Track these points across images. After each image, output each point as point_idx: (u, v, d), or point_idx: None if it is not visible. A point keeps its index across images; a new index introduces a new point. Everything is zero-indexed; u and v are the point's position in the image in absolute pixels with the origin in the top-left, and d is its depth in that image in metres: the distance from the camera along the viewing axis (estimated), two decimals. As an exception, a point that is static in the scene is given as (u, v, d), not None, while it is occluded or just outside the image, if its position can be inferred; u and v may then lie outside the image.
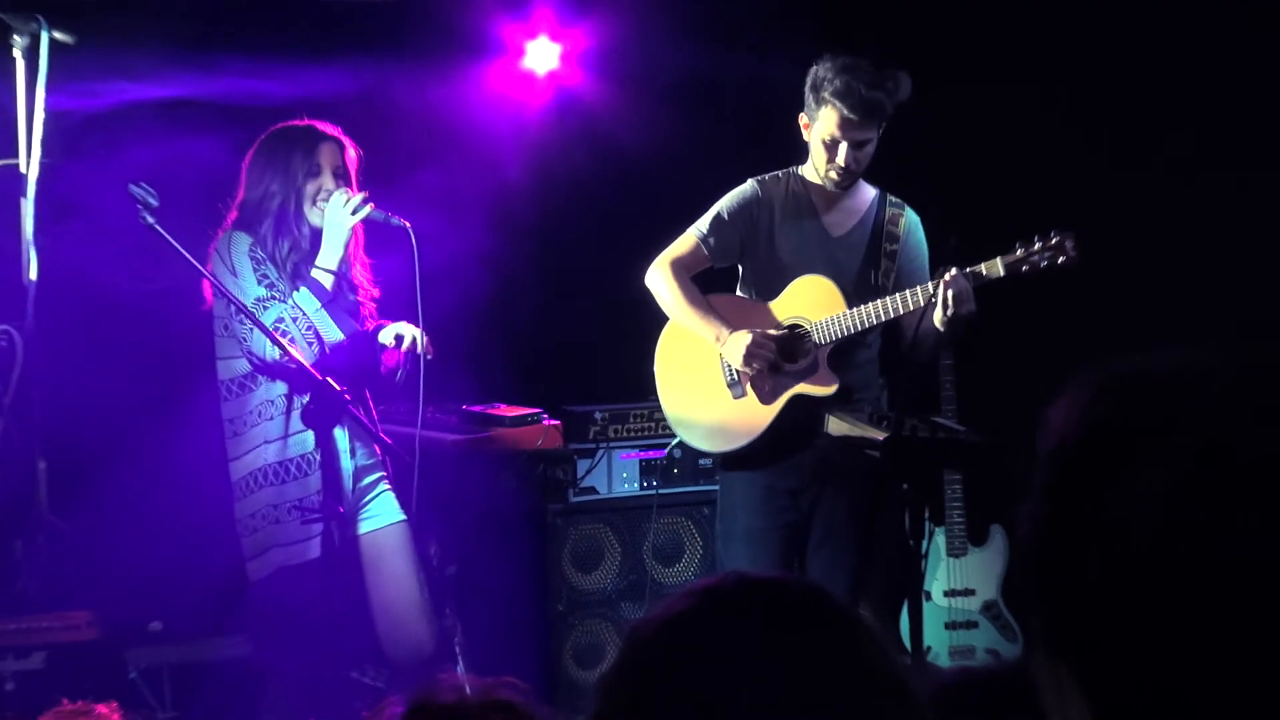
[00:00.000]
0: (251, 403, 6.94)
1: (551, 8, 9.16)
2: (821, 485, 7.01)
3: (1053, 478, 1.59)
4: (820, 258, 6.99)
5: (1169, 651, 1.52)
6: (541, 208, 9.16)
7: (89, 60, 8.01)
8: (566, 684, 8.14)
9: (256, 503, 6.92)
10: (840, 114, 6.79)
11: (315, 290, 6.79)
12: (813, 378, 6.90)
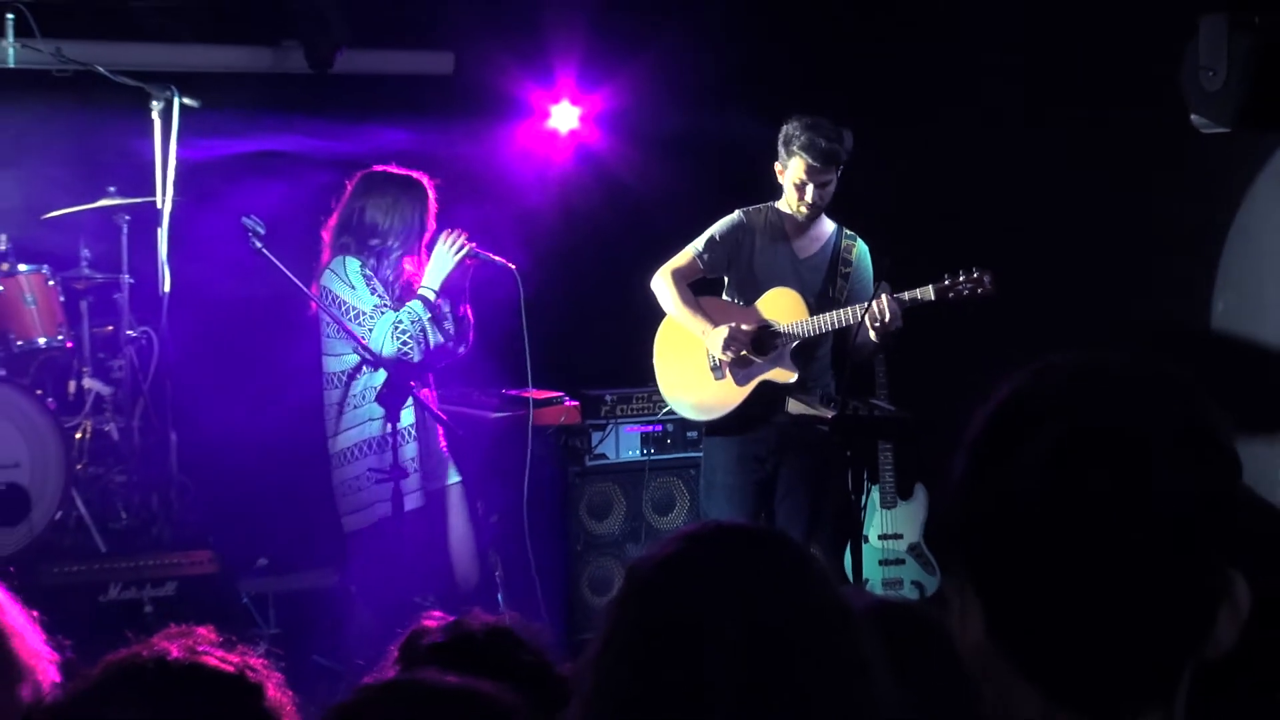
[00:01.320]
0: (350, 392, 6.98)
1: (572, 77, 9.13)
2: (783, 452, 7.08)
3: (975, 443, 1.63)
4: (790, 274, 7.09)
5: (1031, 577, 1.58)
6: (563, 235, 9.17)
7: (210, 119, 8.05)
8: (582, 608, 8.15)
9: (351, 471, 6.96)
10: (807, 162, 6.90)
11: (424, 303, 6.84)
12: (778, 368, 7.00)
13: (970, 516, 1.64)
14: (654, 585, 2.21)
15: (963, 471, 1.64)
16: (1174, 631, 1.59)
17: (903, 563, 8.07)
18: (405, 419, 6.89)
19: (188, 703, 2.51)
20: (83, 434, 7.84)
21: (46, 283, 7.84)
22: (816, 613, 2.19)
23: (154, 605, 7.23)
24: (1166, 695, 1.61)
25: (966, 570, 1.64)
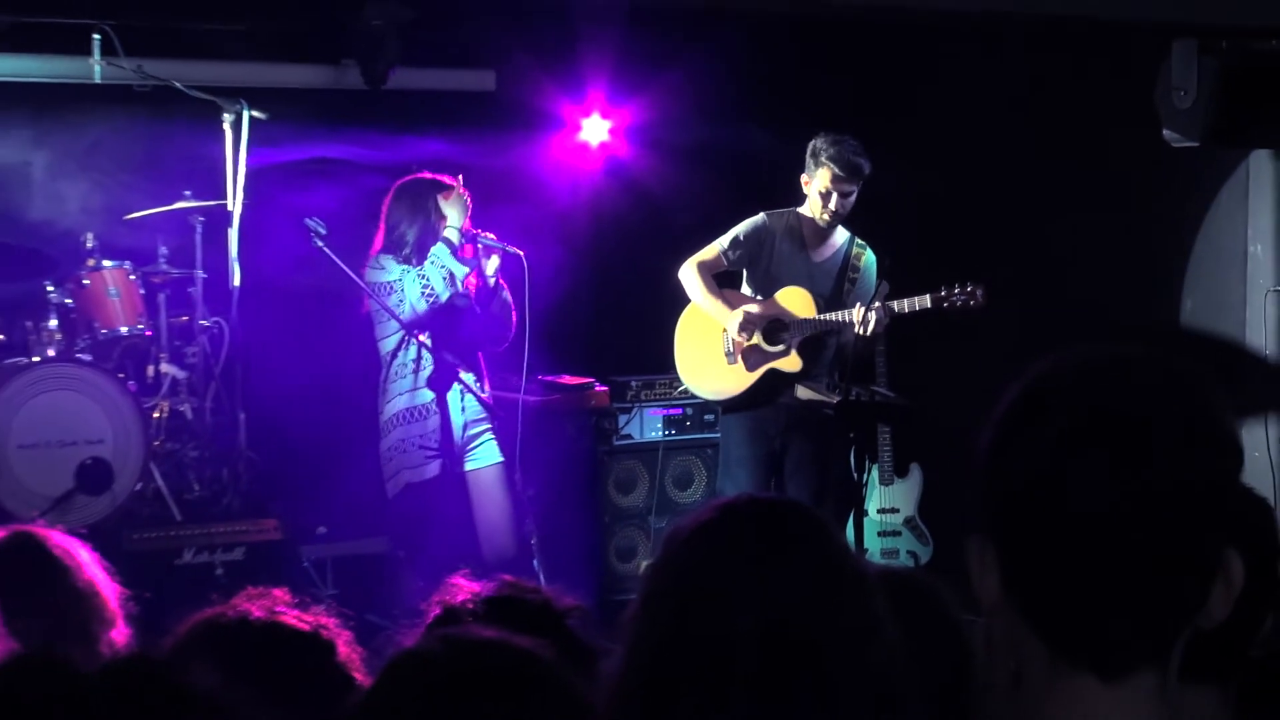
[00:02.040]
0: (393, 367, 7.01)
1: (602, 93, 9.12)
2: (791, 432, 7.12)
3: (998, 420, 1.64)
4: (803, 275, 7.12)
5: (1042, 543, 1.59)
6: (594, 236, 9.17)
7: (275, 130, 8.06)
8: (610, 574, 8.15)
9: (393, 439, 6.99)
10: (833, 173, 6.95)
11: (447, 244, 6.87)
12: (784, 358, 7.03)
13: (991, 485, 1.64)
14: (689, 549, 2.21)
15: (987, 445, 1.65)
16: (1171, 601, 1.59)
17: (899, 534, 8.07)
18: (425, 396, 6.91)
19: (268, 657, 2.52)
20: (160, 413, 7.85)
21: (128, 277, 7.85)
22: (836, 577, 2.19)
23: (224, 569, 7.25)
24: (1162, 657, 1.61)
25: (987, 533, 1.65)
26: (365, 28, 7.79)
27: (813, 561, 2.19)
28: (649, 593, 2.21)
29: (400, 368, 6.97)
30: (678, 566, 2.22)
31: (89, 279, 7.75)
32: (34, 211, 8.26)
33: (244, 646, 2.54)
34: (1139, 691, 1.59)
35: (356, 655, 2.62)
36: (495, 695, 1.83)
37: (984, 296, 6.68)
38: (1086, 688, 1.59)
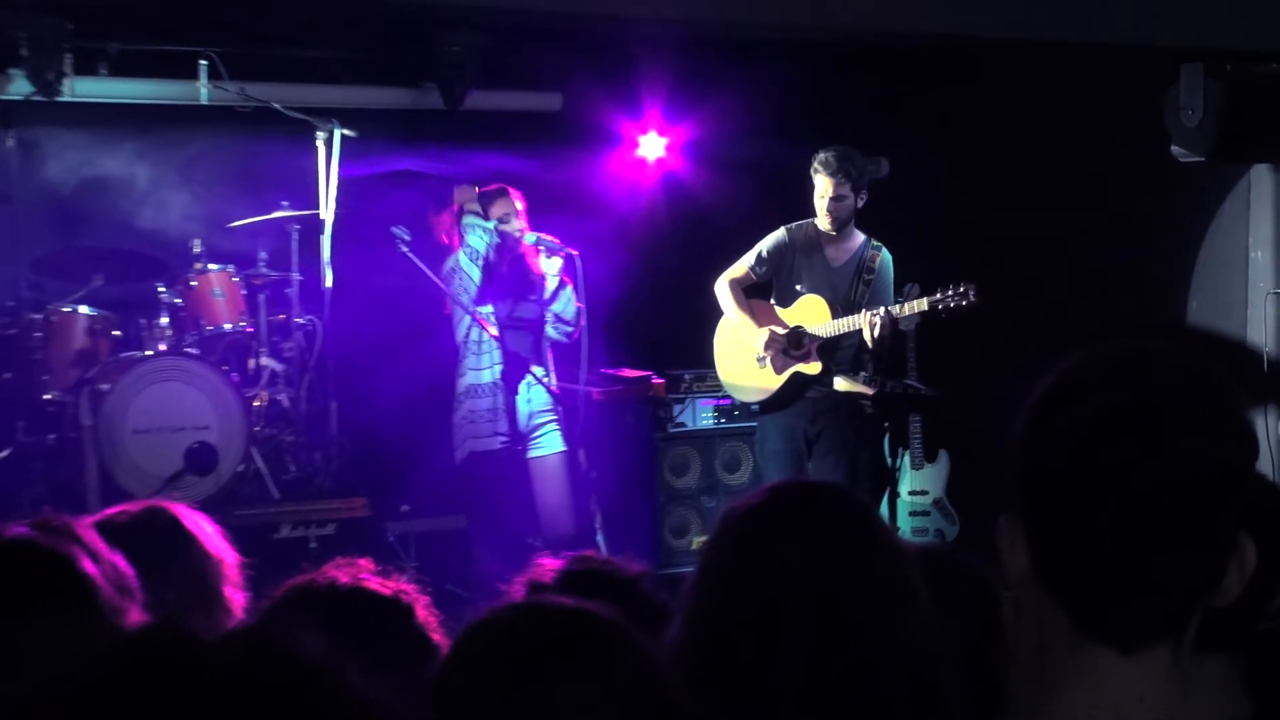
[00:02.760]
0: (465, 347, 7.03)
1: (659, 112, 9.11)
2: (821, 423, 7.10)
3: (1031, 408, 1.62)
4: (823, 281, 7.10)
5: (1067, 524, 1.57)
6: (651, 243, 9.16)
7: (363, 146, 8.09)
8: (665, 549, 8.16)
9: (463, 411, 7.02)
10: (826, 180, 6.95)
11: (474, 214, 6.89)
12: (807, 362, 7.03)
13: (1023, 468, 1.62)
14: (742, 527, 2.23)
15: (1020, 430, 1.63)
16: (1188, 581, 1.57)
17: (928, 514, 8.03)
18: (486, 377, 6.93)
19: (355, 619, 2.53)
20: (260, 402, 7.89)
21: (231, 279, 7.90)
22: (876, 553, 2.20)
23: (317, 542, 7.30)
24: (1177, 632, 1.59)
25: (1017, 512, 1.63)
26: (444, 53, 7.81)
27: (854, 539, 2.21)
28: (705, 566, 2.24)
29: (473, 344, 6.99)
30: (731, 543, 2.24)
31: (196, 281, 7.81)
32: (145, 220, 8.29)
33: (333, 609, 2.55)
34: (1154, 664, 1.57)
35: (434, 619, 2.62)
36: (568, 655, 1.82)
37: (976, 295, 6.62)
38: (1105, 659, 1.57)
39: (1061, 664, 1.59)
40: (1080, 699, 1.57)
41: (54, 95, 7.38)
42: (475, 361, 6.99)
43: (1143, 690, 1.56)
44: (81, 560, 2.24)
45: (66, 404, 7.47)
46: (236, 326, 7.85)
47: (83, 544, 2.30)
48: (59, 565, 2.22)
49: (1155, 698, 1.56)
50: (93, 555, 2.28)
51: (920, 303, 6.72)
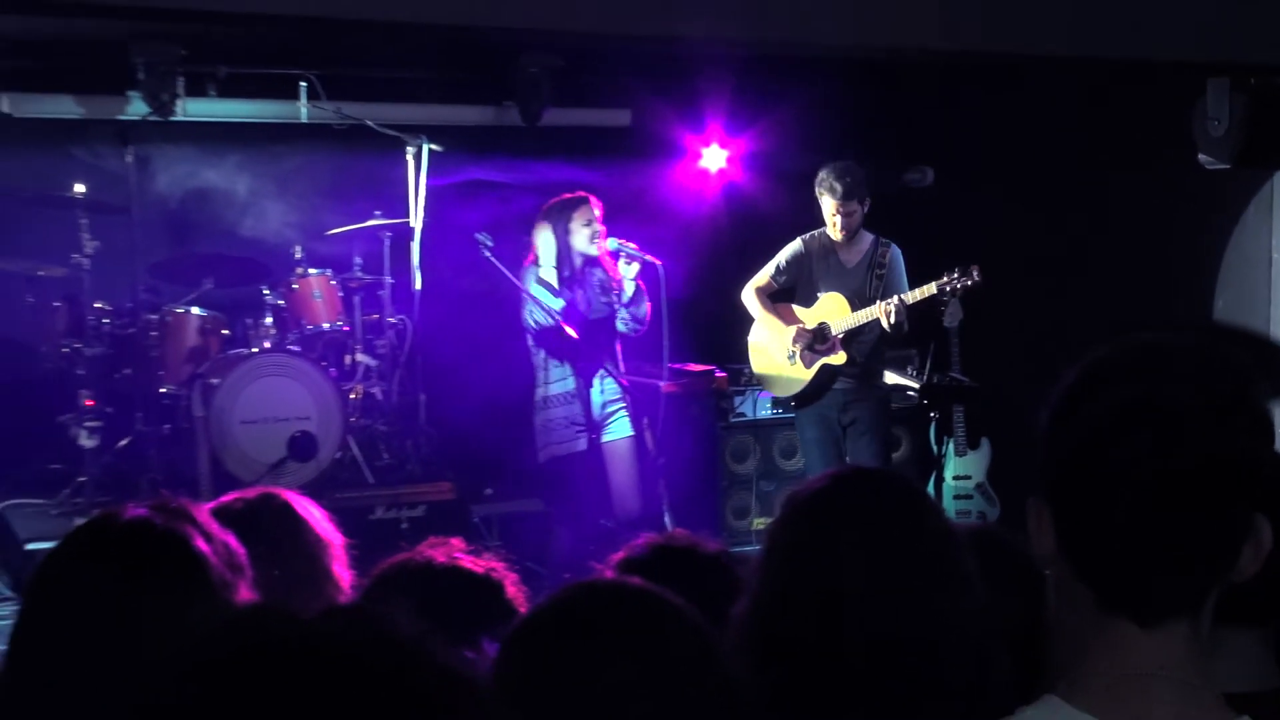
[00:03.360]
0: (544, 357, 7.02)
1: (720, 125, 9.09)
2: (852, 411, 7.10)
3: (1057, 396, 1.61)
4: (838, 280, 7.12)
5: (1090, 506, 1.55)
6: (713, 247, 9.12)
7: (449, 159, 8.12)
8: (727, 529, 8.13)
9: (545, 418, 6.98)
10: (833, 202, 7.01)
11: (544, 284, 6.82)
12: (832, 354, 7.02)
13: (1048, 454, 1.60)
14: (805, 511, 2.22)
15: (1046, 418, 1.61)
16: (1205, 560, 1.55)
17: (971, 498, 7.98)
18: (563, 387, 6.91)
19: (451, 594, 2.53)
20: (355, 395, 7.93)
21: (329, 282, 7.95)
22: (928, 530, 2.19)
23: (408, 523, 7.29)
24: (1195, 607, 1.57)
25: (1044, 495, 1.61)
26: (523, 74, 7.84)
27: (910, 522, 2.21)
28: (771, 547, 2.25)
29: (548, 360, 6.98)
30: (796, 525, 2.24)
31: (297, 284, 7.86)
32: (250, 228, 8.35)
33: (429, 584, 2.56)
34: (1174, 637, 1.55)
35: (522, 594, 2.63)
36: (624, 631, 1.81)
37: (979, 274, 6.65)
38: (1127, 632, 1.56)
39: (1087, 635, 1.58)
40: (1105, 668, 1.56)
41: (167, 115, 7.45)
42: (553, 374, 6.96)
43: (1162, 660, 1.55)
44: (195, 539, 2.25)
45: (180, 397, 7.55)
46: (334, 325, 7.90)
47: (196, 524, 2.32)
48: (174, 544, 2.23)
49: (1174, 667, 1.55)
50: (206, 535, 2.29)
51: (929, 287, 6.77)
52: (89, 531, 2.31)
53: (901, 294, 6.84)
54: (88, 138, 8.05)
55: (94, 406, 7.41)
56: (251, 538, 2.46)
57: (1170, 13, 6.39)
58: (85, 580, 2.19)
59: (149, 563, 2.20)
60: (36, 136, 8.04)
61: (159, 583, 2.17)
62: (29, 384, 7.79)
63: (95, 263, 7.50)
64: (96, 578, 2.18)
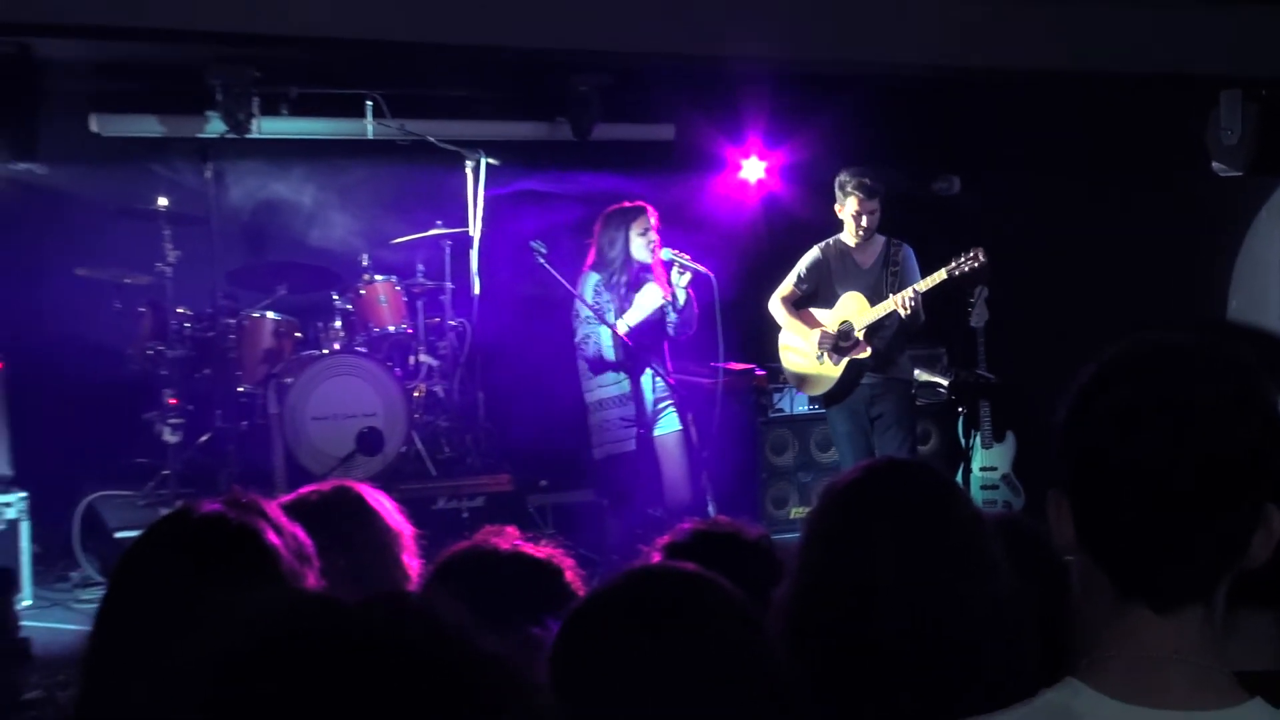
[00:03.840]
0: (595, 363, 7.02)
1: (760, 138, 9.08)
2: (879, 405, 7.07)
3: (1073, 393, 1.59)
4: (856, 281, 7.10)
5: (1106, 496, 1.54)
6: (753, 254, 9.09)
7: (505, 172, 8.14)
8: (767, 517, 8.09)
9: (600, 419, 6.96)
10: (858, 198, 6.99)
11: (612, 332, 6.80)
12: (856, 349, 7.01)
13: (1065, 449, 1.59)
14: (841, 500, 2.22)
15: (1065, 413, 1.59)
16: (1216, 548, 1.54)
17: (997, 488, 7.94)
18: (625, 386, 6.90)
19: (513, 578, 2.54)
20: (418, 393, 7.95)
21: (394, 288, 7.97)
22: (957, 519, 2.18)
23: (469, 513, 7.34)
24: (1208, 593, 1.55)
25: (1062, 487, 1.60)
26: (574, 92, 7.85)
27: (940, 510, 2.20)
28: (809, 535, 2.25)
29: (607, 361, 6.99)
30: (832, 514, 2.24)
31: (365, 290, 7.89)
32: (319, 238, 8.42)
33: (494, 571, 2.56)
34: (1188, 622, 1.54)
35: (579, 579, 2.63)
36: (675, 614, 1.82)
37: (984, 255, 6.63)
38: (1143, 617, 1.54)
39: (1106, 620, 1.57)
40: (1122, 651, 1.55)
41: (243, 133, 7.50)
42: (608, 376, 6.96)
43: (1177, 644, 1.53)
44: (266, 532, 2.27)
45: (257, 395, 7.60)
46: (399, 328, 7.92)
47: (267, 518, 2.33)
48: (246, 537, 2.25)
49: (1189, 651, 1.53)
50: (276, 528, 2.31)
51: (939, 274, 6.74)
52: (167, 525, 2.33)
53: (905, 290, 6.82)
54: (169, 154, 8.14)
55: (177, 405, 7.48)
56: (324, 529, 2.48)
57: (1186, 30, 6.36)
58: (163, 570, 2.21)
59: (222, 554, 2.22)
60: (123, 154, 8.14)
61: (231, 573, 2.19)
62: (117, 384, 7.85)
63: (177, 271, 7.58)
64: (173, 568, 2.20)
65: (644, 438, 6.92)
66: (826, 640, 2.10)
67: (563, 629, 1.84)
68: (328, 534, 2.47)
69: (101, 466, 7.64)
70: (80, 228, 7.91)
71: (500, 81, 8.58)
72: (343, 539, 2.69)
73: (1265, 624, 2.13)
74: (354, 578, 2.67)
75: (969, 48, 6.25)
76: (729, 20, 5.79)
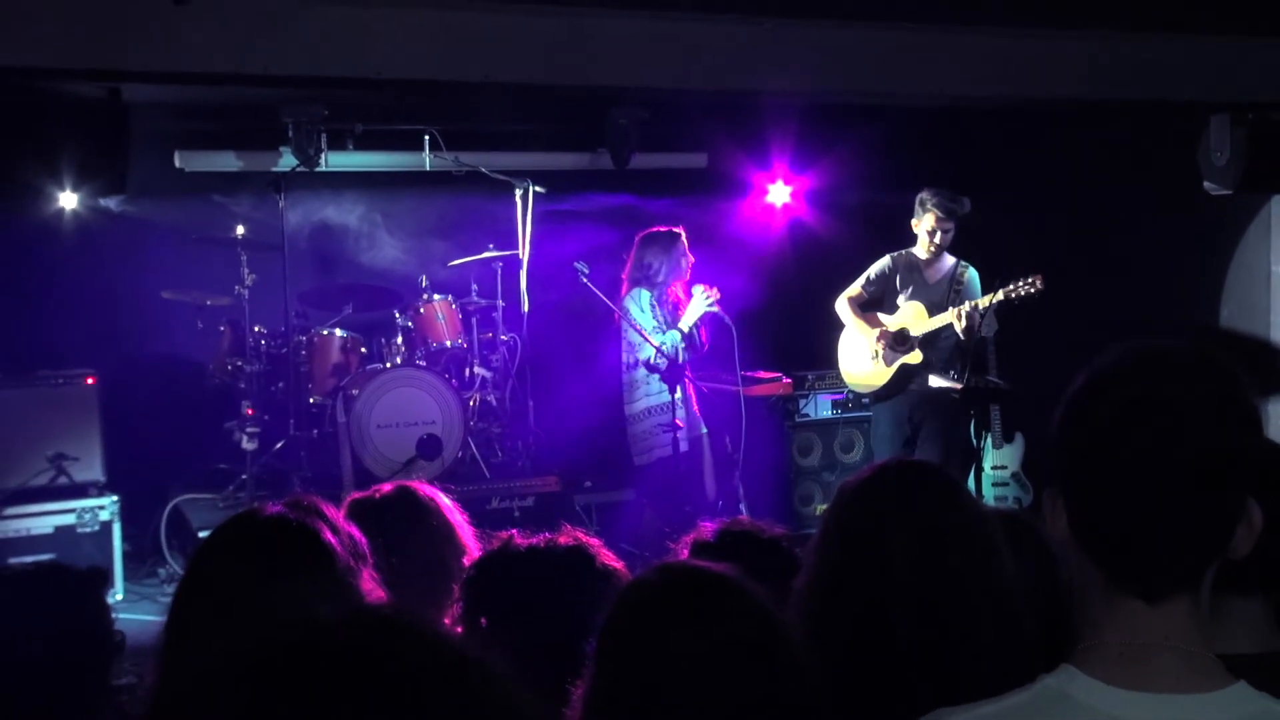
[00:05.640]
0: (638, 376, 7.04)
1: (785, 163, 9.07)
2: (923, 411, 7.02)
3: (1066, 399, 1.57)
4: (921, 295, 7.04)
5: (1097, 495, 1.53)
6: (779, 270, 9.12)
7: (551, 198, 8.15)
8: (795, 515, 8.05)
9: (645, 428, 7.00)
10: (936, 215, 6.92)
11: (681, 334, 6.88)
12: (910, 354, 6.97)
13: (1060, 449, 1.58)
14: (854, 497, 2.22)
15: (1059, 418, 1.58)
16: (1201, 541, 1.52)
17: (1008, 485, 7.89)
18: (665, 396, 6.91)
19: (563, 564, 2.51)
20: (473, 402, 7.98)
21: (450, 306, 8.01)
22: (963, 515, 2.18)
23: (520, 511, 7.34)
24: (1195, 583, 1.54)
25: (1057, 486, 1.59)
26: (614, 125, 7.85)
27: (945, 504, 2.19)
28: (825, 529, 2.25)
29: (645, 378, 7.00)
30: (846, 509, 2.24)
31: (424, 308, 7.93)
32: (382, 261, 8.47)
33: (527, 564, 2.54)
34: (1176, 610, 1.53)
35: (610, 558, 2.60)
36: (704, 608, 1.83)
37: (1042, 282, 6.55)
38: (1133, 607, 1.53)
39: (1099, 610, 1.56)
40: (1115, 639, 1.54)
41: (313, 166, 7.54)
42: (653, 387, 6.98)
43: (1167, 631, 1.52)
44: (323, 532, 2.28)
45: (326, 406, 7.64)
46: (455, 343, 7.96)
47: (325, 519, 2.35)
48: (306, 537, 2.27)
49: (1178, 638, 1.52)
50: (333, 528, 2.33)
51: (997, 295, 6.64)
52: (234, 526, 2.36)
53: (962, 306, 6.77)
54: (246, 187, 8.19)
55: (254, 415, 7.53)
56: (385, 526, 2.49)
57: (1177, 60, 6.33)
58: (229, 568, 2.23)
59: (283, 552, 2.24)
60: (203, 187, 8.21)
61: (293, 572, 2.21)
62: (200, 397, 7.93)
63: (253, 293, 7.65)
64: (239, 566, 2.22)
65: (680, 441, 6.93)
66: (842, 630, 2.10)
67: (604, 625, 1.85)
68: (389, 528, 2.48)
69: (186, 472, 7.71)
70: (165, 255, 7.98)
71: (546, 116, 8.60)
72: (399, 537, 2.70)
73: (1253, 609, 2.12)
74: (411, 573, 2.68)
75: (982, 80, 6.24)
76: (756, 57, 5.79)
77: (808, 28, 5.79)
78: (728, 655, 1.77)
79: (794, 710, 1.78)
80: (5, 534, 6.73)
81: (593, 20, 5.47)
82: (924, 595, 2.08)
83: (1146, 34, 6.25)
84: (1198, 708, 1.48)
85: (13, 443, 6.97)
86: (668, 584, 1.89)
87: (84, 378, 7.22)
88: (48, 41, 4.77)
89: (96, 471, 7.14)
